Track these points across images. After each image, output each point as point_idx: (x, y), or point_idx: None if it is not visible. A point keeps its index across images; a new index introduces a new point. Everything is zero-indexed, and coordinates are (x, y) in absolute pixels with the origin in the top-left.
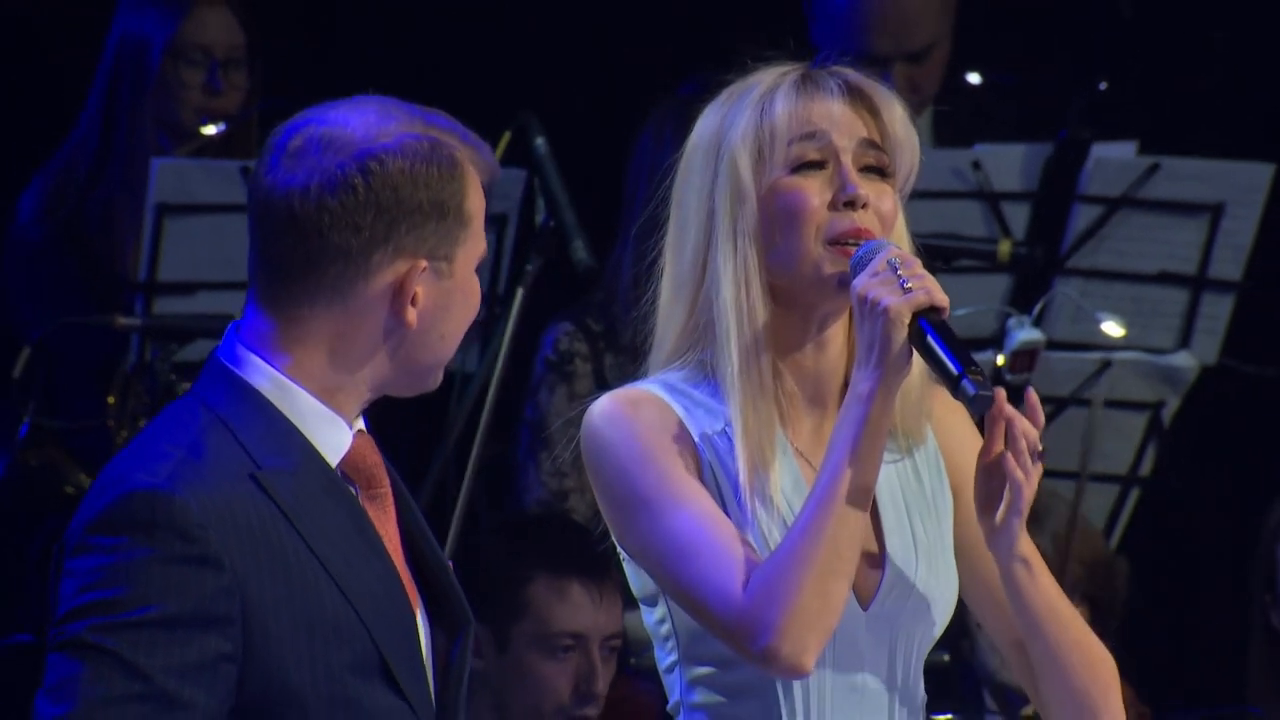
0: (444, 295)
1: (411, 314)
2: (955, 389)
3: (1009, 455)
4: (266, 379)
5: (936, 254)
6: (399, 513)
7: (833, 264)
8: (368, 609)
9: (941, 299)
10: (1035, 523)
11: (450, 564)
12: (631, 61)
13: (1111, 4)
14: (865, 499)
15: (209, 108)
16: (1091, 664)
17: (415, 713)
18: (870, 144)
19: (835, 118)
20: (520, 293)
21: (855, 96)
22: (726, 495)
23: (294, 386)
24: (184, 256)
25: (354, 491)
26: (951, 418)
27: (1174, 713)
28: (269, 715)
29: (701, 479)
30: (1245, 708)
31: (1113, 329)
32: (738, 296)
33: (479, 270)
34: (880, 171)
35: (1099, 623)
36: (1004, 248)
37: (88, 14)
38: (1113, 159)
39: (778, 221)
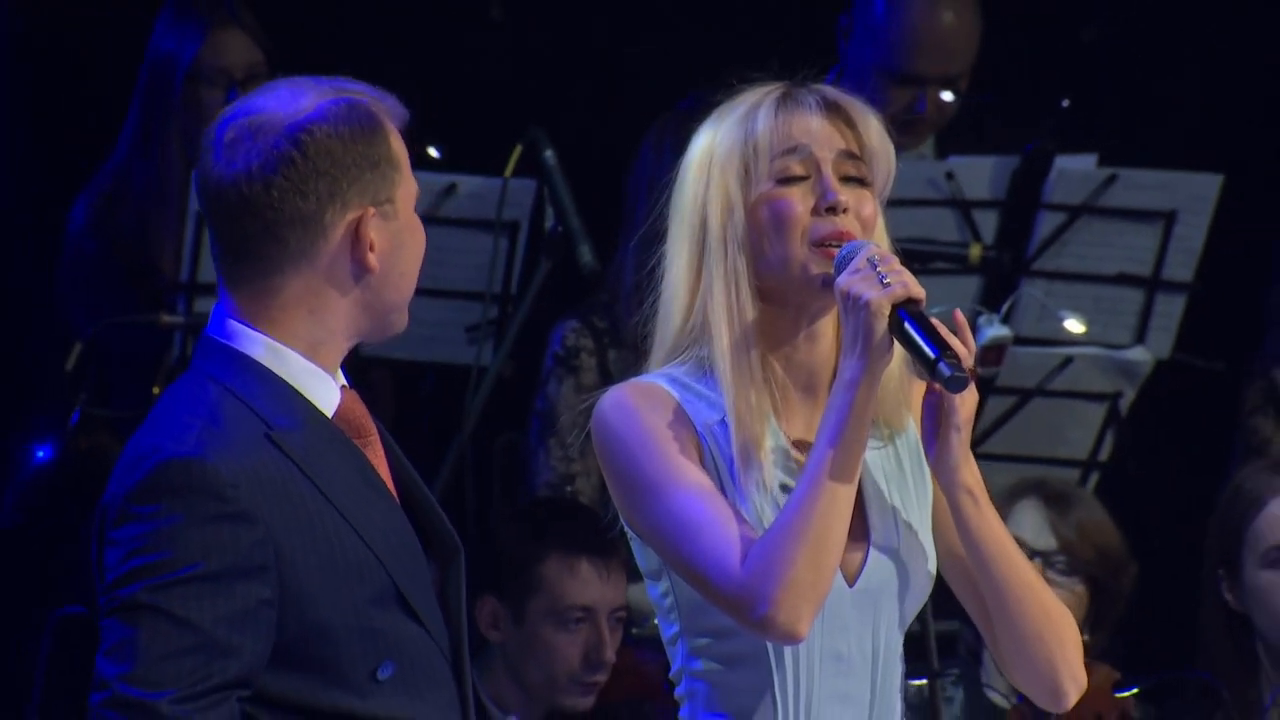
0: (395, 235)
1: (372, 259)
2: (932, 371)
3: None
4: (260, 346)
5: (913, 257)
6: (386, 456)
7: (818, 265)
8: (382, 547)
9: (917, 291)
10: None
11: (435, 500)
12: (633, 80)
13: (1074, 30)
14: (852, 477)
15: None
16: (1046, 612)
17: (431, 636)
18: (849, 154)
19: (815, 132)
20: (530, 293)
21: (833, 111)
22: (724, 480)
23: (285, 349)
24: None
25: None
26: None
27: (1139, 676)
28: (305, 651)
29: (703, 464)
30: (1202, 673)
31: (1074, 326)
32: (728, 299)
33: (492, 266)
34: (859, 180)
35: (1098, 610)
36: (975, 251)
37: (133, 40)
38: (1074, 170)
39: (767, 229)
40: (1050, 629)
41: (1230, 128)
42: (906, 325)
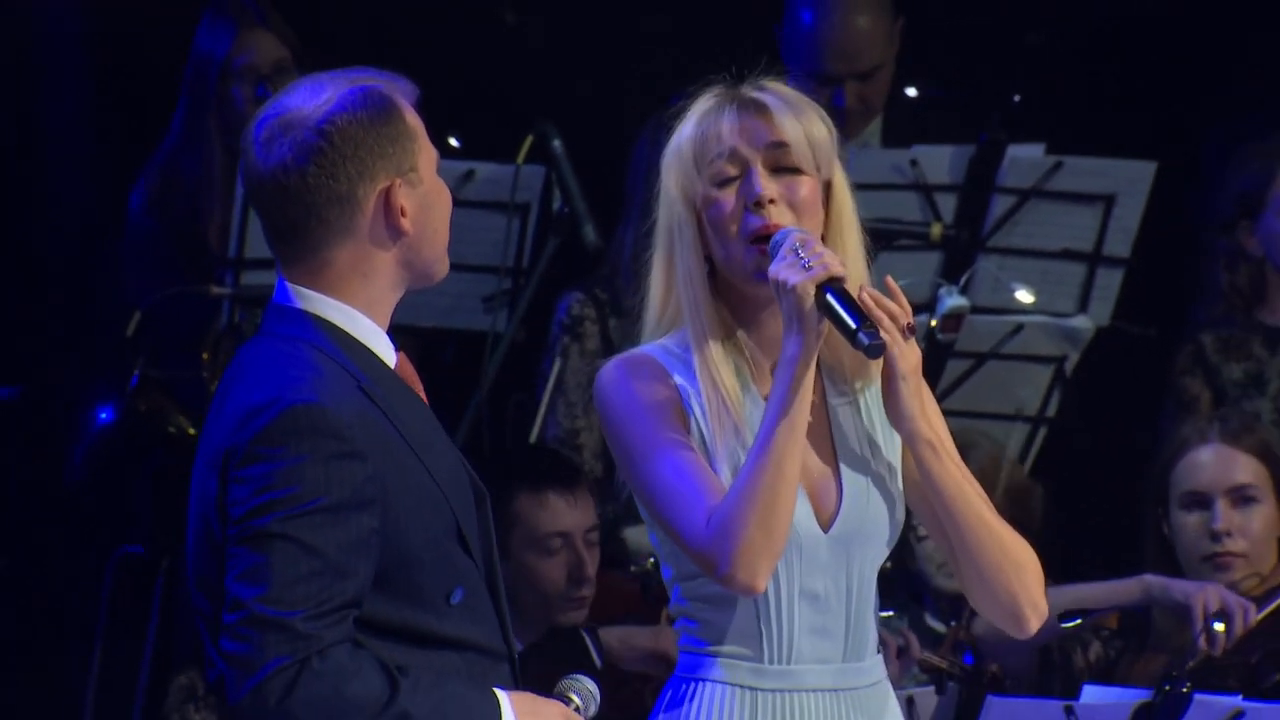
0: (423, 198)
1: (405, 222)
2: (853, 340)
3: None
4: (334, 309)
5: (881, 235)
6: None
7: (752, 258)
8: (448, 486)
9: (838, 270)
10: (964, 456)
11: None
12: (631, 79)
13: (1021, 32)
14: (797, 443)
15: None
16: (1003, 547)
17: (479, 569)
18: (776, 144)
19: (740, 132)
20: (540, 267)
21: (753, 109)
22: (706, 442)
23: (354, 311)
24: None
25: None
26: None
27: (1078, 611)
28: (395, 576)
29: (687, 429)
30: (1136, 606)
31: (1024, 297)
32: (687, 292)
33: (505, 243)
34: (790, 168)
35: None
36: (935, 230)
37: (184, 40)
38: (1024, 158)
39: (709, 230)
40: (1009, 562)
41: (1163, 120)
42: (830, 300)
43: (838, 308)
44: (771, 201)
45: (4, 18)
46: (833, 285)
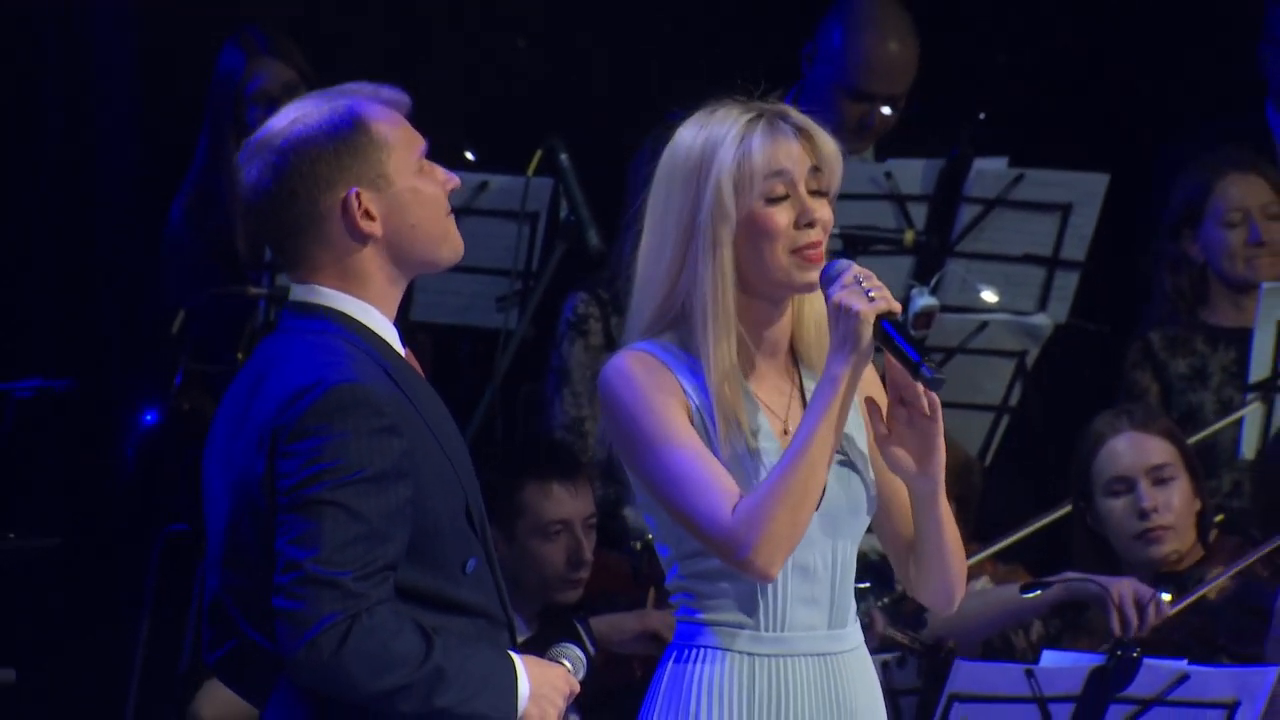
0: (393, 200)
1: (373, 225)
2: (915, 374)
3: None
4: (349, 304)
5: (859, 241)
6: None
7: (799, 270)
8: (459, 465)
9: (896, 306)
10: None
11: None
12: (631, 98)
13: (990, 55)
14: (829, 452)
15: None
16: (956, 536)
17: (483, 546)
18: (815, 169)
19: (794, 156)
20: (548, 270)
21: (804, 135)
22: (708, 436)
23: (367, 305)
24: None
25: None
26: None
27: (1036, 583)
28: (420, 545)
29: (691, 422)
30: (1088, 578)
31: (989, 296)
32: (715, 291)
33: (516, 249)
34: (821, 192)
35: (962, 515)
36: (909, 236)
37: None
38: (989, 170)
39: (756, 240)
40: (956, 553)
41: (1116, 136)
42: (890, 335)
43: (897, 341)
44: (817, 223)
45: (65, 52)
46: (890, 319)
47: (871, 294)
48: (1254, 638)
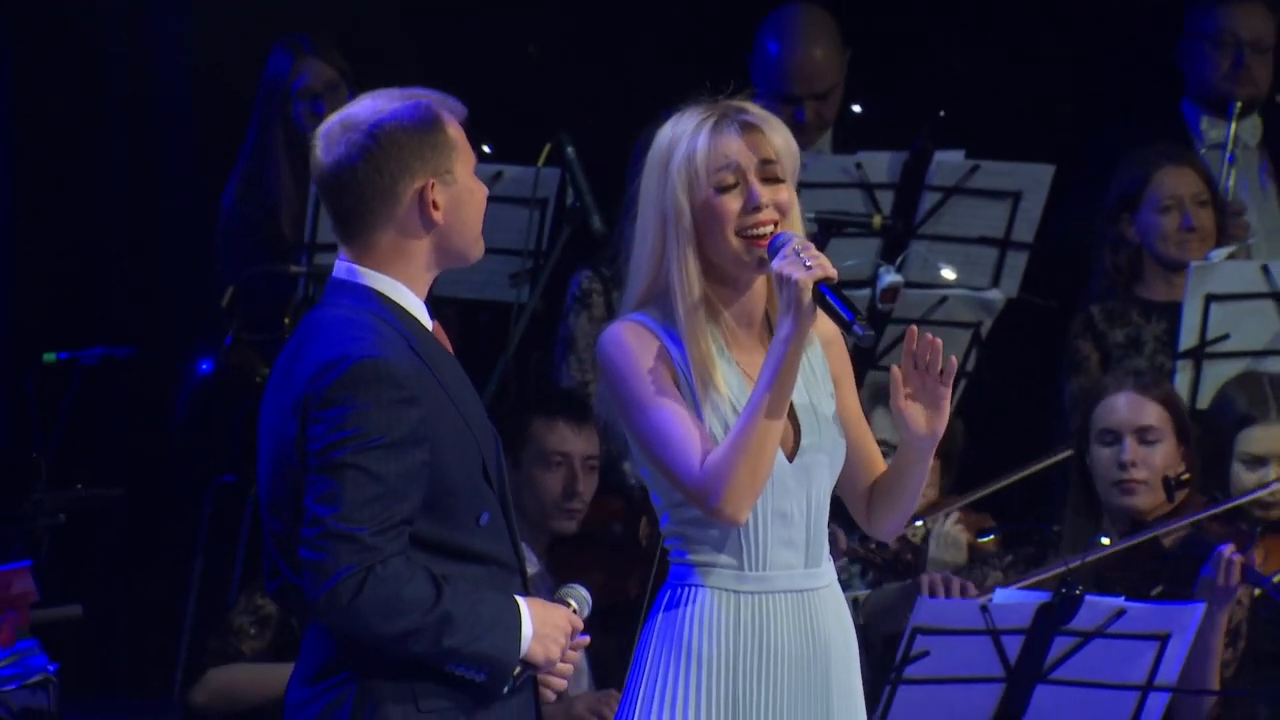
0: (455, 196)
1: (437, 214)
2: (848, 331)
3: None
4: (385, 284)
5: (832, 225)
6: None
7: (747, 251)
8: (476, 429)
9: (832, 271)
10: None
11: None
12: (630, 97)
13: (950, 59)
14: (783, 409)
15: None
16: (920, 484)
17: (499, 502)
18: (765, 160)
19: (740, 148)
20: (555, 250)
21: (752, 129)
22: (692, 399)
23: (401, 285)
24: None
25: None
26: (831, 332)
27: (998, 526)
28: (437, 501)
29: (677, 386)
30: (1041, 525)
31: (948, 274)
32: (680, 277)
33: (528, 231)
34: (775, 178)
35: (946, 470)
36: (876, 220)
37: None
38: (948, 161)
39: (710, 225)
40: (918, 496)
41: (1060, 131)
42: (826, 297)
43: (833, 302)
44: (764, 206)
45: (131, 58)
46: (827, 283)
47: (809, 263)
48: (1191, 581)
